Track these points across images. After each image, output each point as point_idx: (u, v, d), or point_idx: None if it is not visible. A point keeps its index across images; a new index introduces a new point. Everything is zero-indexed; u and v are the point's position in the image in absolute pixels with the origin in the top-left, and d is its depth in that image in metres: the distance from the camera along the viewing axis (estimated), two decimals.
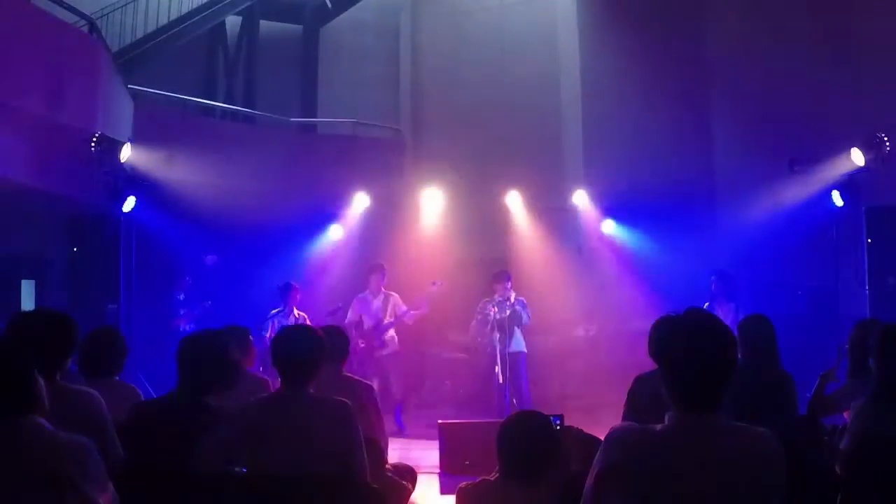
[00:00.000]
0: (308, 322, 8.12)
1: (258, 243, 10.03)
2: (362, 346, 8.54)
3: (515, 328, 8.44)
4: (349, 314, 8.73)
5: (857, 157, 8.04)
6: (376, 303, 8.78)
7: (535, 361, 9.18)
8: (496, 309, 8.38)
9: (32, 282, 9.40)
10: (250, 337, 4.94)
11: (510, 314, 8.35)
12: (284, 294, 8.29)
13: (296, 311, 8.31)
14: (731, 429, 2.10)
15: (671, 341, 2.15)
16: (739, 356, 2.93)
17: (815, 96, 9.40)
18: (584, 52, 11.18)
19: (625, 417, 3.97)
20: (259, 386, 4.53)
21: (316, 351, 3.34)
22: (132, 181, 8.00)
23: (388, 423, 8.04)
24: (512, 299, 8.44)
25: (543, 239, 10.52)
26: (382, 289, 8.82)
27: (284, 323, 7.82)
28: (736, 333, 2.96)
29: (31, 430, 2.30)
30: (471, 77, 12.10)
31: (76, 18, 8.31)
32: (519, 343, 8.52)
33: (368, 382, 4.49)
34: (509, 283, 8.52)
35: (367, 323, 8.70)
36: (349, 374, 4.49)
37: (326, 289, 9.75)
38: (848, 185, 8.23)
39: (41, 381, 2.40)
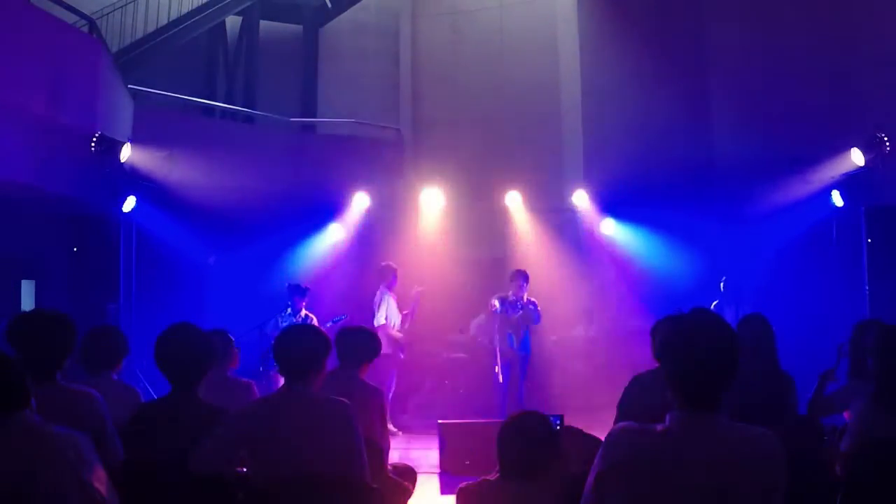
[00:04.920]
0: (315, 323, 8.15)
1: (258, 243, 10.03)
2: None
3: (526, 329, 8.51)
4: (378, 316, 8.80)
5: (857, 157, 8.04)
6: (393, 302, 8.92)
7: (535, 361, 9.19)
8: (497, 305, 8.43)
9: (32, 282, 9.38)
10: (231, 338, 4.88)
11: (522, 314, 8.42)
12: (296, 295, 8.33)
13: (303, 312, 8.35)
14: (731, 429, 2.10)
15: (674, 341, 2.16)
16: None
17: (815, 96, 9.40)
18: (584, 52, 11.17)
19: (619, 415, 3.95)
20: (243, 389, 4.51)
21: (317, 349, 3.33)
22: (132, 181, 8.00)
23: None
24: (525, 300, 8.50)
25: (543, 239, 10.52)
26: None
27: (290, 323, 7.87)
28: None
29: (23, 425, 2.32)
30: (471, 77, 12.10)
31: (76, 18, 8.30)
32: (526, 345, 8.58)
33: (377, 386, 4.47)
34: (525, 284, 8.55)
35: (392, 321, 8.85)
36: (361, 378, 4.47)
37: (326, 289, 9.75)
38: (848, 185, 8.24)
39: (27, 378, 2.42)
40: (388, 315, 8.78)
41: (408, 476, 4.45)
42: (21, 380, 2.39)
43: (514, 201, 10.64)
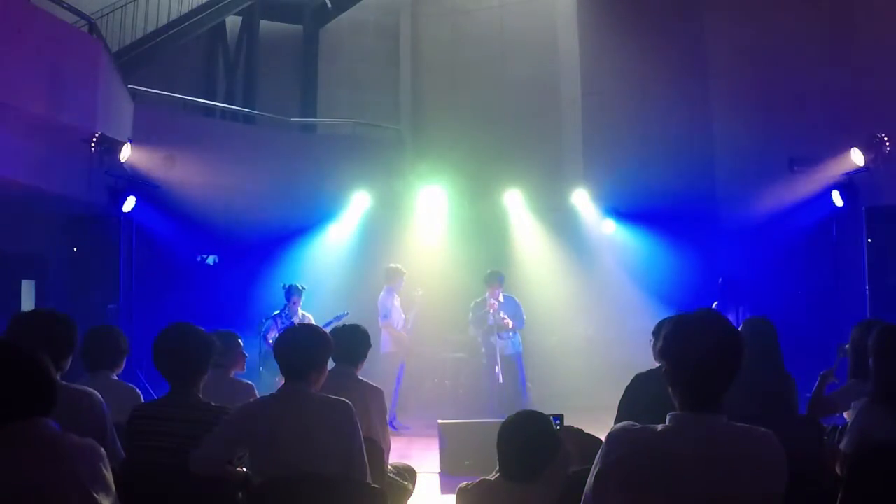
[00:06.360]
0: (312, 322, 8.15)
1: (258, 243, 10.03)
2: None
3: (512, 333, 8.53)
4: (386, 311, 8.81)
5: (857, 157, 8.04)
6: (397, 303, 8.94)
7: (535, 361, 9.19)
8: (497, 304, 8.44)
9: (32, 282, 9.38)
10: (239, 341, 4.83)
11: (503, 319, 8.42)
12: (293, 295, 8.33)
13: (300, 312, 8.35)
14: (732, 430, 2.09)
15: (679, 341, 2.15)
16: None
17: (815, 96, 9.40)
18: (584, 52, 11.18)
19: (619, 415, 3.93)
20: (244, 390, 4.50)
21: (318, 349, 3.32)
22: (132, 181, 8.00)
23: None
24: (501, 298, 8.47)
25: (543, 239, 10.52)
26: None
27: (288, 323, 7.86)
28: None
29: (40, 434, 2.27)
30: (471, 77, 12.11)
31: (76, 18, 8.30)
32: (516, 345, 8.56)
33: (377, 386, 4.47)
34: (501, 286, 8.52)
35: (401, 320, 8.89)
36: (360, 377, 4.47)
37: (326, 288, 9.75)
38: (848, 185, 8.23)
39: (57, 383, 2.36)
40: (394, 315, 8.80)
41: (408, 476, 4.45)
42: (52, 386, 2.27)
43: (514, 201, 10.64)
